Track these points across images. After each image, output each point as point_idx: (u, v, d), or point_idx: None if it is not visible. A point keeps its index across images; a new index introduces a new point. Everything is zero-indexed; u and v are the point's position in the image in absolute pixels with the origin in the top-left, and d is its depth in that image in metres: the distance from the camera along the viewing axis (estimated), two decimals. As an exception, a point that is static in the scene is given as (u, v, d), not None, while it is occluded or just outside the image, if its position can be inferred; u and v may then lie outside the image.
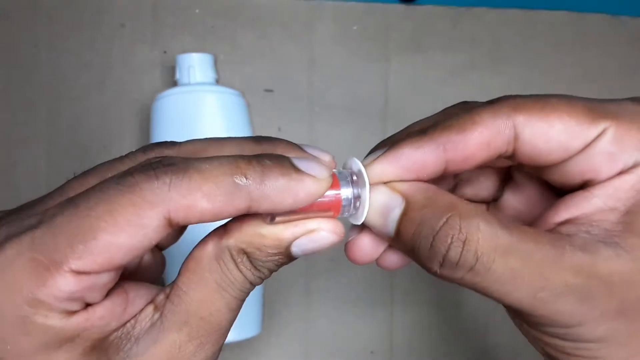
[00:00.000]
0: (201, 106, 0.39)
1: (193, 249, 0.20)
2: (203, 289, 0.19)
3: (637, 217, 0.19)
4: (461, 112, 0.20)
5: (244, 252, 0.19)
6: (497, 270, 0.18)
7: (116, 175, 0.18)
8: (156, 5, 0.44)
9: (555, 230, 0.20)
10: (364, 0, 0.45)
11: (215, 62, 0.43)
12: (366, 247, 0.22)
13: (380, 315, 0.44)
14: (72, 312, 0.18)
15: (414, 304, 0.44)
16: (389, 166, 0.20)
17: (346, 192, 0.20)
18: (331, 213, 0.20)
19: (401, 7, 0.45)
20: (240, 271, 0.20)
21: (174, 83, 0.41)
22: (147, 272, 0.24)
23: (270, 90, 0.44)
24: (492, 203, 0.26)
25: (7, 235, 0.18)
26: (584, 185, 0.20)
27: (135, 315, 0.19)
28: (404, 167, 0.20)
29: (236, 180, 0.18)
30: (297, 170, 0.18)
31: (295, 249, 0.20)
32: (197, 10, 0.44)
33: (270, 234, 0.19)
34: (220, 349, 0.21)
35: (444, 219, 0.19)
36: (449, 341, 0.44)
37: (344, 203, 0.20)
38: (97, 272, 0.17)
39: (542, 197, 0.24)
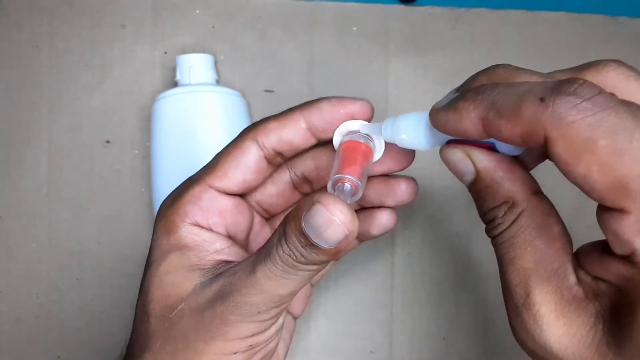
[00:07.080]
0: (202, 106, 0.39)
1: None
2: None
3: None
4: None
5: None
6: (504, 244, 0.23)
7: None
8: (156, 5, 0.44)
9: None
10: (363, 1, 0.45)
11: (216, 63, 0.43)
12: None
13: (380, 315, 0.44)
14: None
15: (414, 304, 0.44)
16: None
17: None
18: (367, 150, 0.28)
19: (401, 7, 0.45)
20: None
21: (174, 83, 0.41)
22: None
23: (271, 91, 0.44)
24: None
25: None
26: None
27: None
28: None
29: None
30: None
31: (304, 223, 0.22)
32: (197, 11, 0.44)
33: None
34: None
35: (499, 203, 0.23)
36: (449, 341, 0.44)
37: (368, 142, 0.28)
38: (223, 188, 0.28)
39: None
